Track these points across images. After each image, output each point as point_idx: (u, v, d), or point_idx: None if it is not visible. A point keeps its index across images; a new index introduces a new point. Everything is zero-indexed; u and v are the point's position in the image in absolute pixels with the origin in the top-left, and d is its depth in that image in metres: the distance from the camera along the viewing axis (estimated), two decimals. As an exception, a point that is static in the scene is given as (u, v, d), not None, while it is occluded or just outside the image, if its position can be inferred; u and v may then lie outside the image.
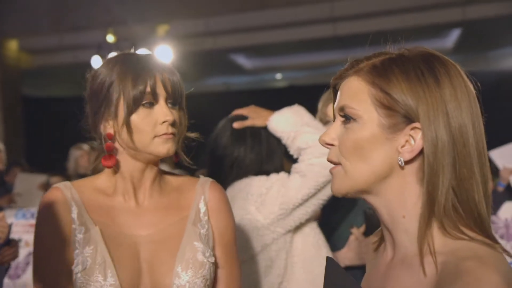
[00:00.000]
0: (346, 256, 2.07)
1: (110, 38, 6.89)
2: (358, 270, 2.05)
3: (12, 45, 9.17)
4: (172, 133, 1.24)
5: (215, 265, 1.31)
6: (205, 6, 7.94)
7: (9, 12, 8.53)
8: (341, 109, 0.88)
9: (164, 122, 1.23)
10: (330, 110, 2.17)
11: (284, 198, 1.72)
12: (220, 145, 1.86)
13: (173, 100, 1.26)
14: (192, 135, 1.36)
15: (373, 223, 1.86)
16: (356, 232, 2.08)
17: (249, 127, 1.86)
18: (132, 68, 1.24)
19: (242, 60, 10.47)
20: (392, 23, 7.63)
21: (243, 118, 1.90)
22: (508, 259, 0.86)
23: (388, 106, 0.83)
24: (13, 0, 8.39)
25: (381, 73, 0.84)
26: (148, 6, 8.00)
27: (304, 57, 10.45)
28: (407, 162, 0.83)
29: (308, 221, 1.82)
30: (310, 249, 1.79)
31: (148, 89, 1.22)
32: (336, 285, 0.83)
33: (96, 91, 1.26)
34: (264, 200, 1.73)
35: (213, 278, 1.30)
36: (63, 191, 1.26)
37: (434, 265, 0.80)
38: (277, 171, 1.82)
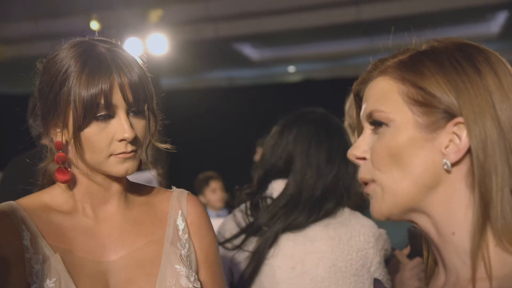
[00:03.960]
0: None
1: (94, 25, 6.92)
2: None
3: (-20, 34, 9.26)
4: (133, 151, 1.19)
5: None
6: (205, -13, 7.97)
7: (-23, -5, 8.62)
8: (369, 115, 0.89)
9: (122, 140, 1.18)
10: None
11: None
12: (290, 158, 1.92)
13: (137, 108, 1.20)
14: (162, 146, 1.32)
15: (418, 243, 1.91)
16: (399, 255, 2.08)
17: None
18: (88, 67, 1.16)
19: (248, 51, 10.49)
20: (426, 5, 7.60)
21: (313, 115, 1.96)
22: None
23: (423, 103, 0.84)
24: (-18, -19, 8.47)
25: (411, 68, 0.86)
26: (138, -13, 8.05)
27: (321, 46, 10.45)
28: (454, 165, 0.84)
29: None
30: None
31: (102, 100, 1.15)
32: None
33: (45, 87, 1.21)
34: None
35: None
36: (8, 213, 1.19)
37: None
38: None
